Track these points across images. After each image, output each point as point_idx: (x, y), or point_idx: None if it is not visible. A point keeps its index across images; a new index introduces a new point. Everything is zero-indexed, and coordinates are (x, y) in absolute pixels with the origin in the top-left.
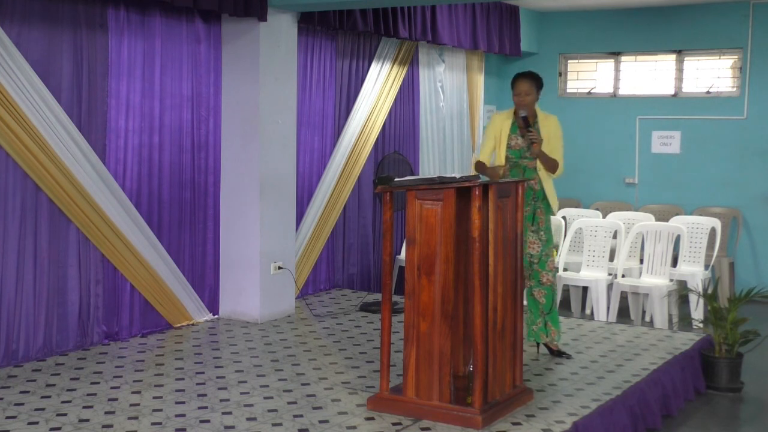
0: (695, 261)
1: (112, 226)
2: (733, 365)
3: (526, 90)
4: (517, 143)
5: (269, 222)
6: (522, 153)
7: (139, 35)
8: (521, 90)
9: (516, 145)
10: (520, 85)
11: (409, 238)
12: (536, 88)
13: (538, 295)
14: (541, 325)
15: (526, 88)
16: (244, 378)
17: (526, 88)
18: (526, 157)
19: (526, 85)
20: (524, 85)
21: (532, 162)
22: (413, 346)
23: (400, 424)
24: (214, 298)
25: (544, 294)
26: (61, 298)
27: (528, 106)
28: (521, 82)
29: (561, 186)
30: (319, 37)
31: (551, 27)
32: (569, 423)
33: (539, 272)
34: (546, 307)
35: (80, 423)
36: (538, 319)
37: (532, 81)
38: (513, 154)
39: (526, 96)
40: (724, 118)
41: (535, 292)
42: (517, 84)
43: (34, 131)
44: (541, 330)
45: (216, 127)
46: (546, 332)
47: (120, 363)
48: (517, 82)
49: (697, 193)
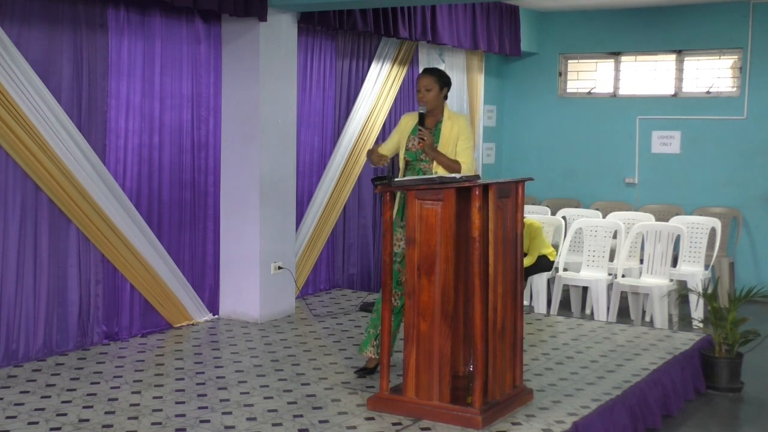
0: (695, 261)
1: (112, 226)
2: (733, 365)
3: (426, 85)
4: (414, 145)
5: (269, 222)
6: (418, 155)
7: (139, 35)
8: (421, 85)
9: (413, 146)
10: (421, 80)
11: (409, 238)
12: (439, 84)
13: (393, 296)
14: (373, 333)
15: (427, 83)
16: (244, 378)
17: (426, 83)
18: (422, 160)
19: (427, 80)
20: (425, 80)
21: (428, 165)
22: (413, 346)
23: (400, 424)
24: (214, 298)
25: (399, 295)
26: (61, 298)
27: (429, 102)
28: (422, 77)
29: (561, 186)
30: (319, 37)
31: (551, 27)
32: (569, 423)
33: (399, 271)
34: (396, 310)
35: (80, 423)
36: (374, 329)
37: (434, 76)
38: (410, 156)
39: (426, 92)
40: (724, 118)
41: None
42: (419, 79)
43: (34, 131)
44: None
45: (216, 127)
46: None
47: (120, 363)
48: (419, 77)
49: (697, 193)
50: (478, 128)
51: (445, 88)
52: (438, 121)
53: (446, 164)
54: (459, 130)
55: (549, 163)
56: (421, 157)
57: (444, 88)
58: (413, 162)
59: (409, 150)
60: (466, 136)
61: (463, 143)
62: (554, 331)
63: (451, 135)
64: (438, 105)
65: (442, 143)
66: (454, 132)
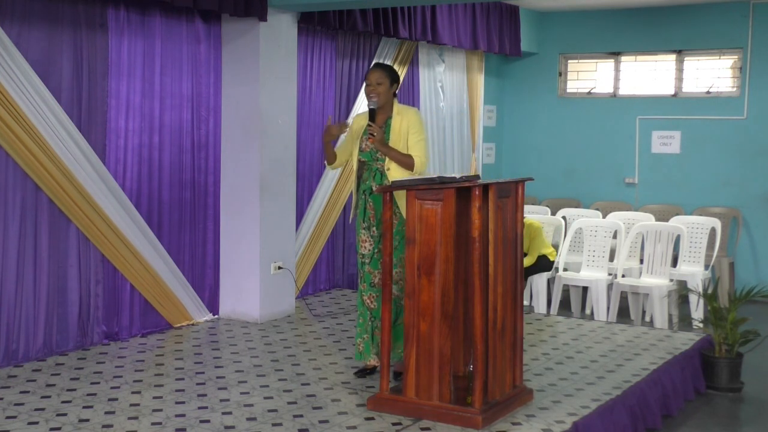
0: (695, 261)
1: (112, 226)
2: (733, 365)
3: (377, 78)
4: (367, 145)
5: (269, 222)
6: (373, 154)
7: (139, 35)
8: (372, 79)
9: (366, 147)
10: (372, 74)
11: (409, 238)
12: (390, 79)
13: (368, 301)
14: (368, 339)
15: (377, 76)
16: (244, 378)
17: (377, 76)
18: (378, 159)
19: (378, 74)
20: (375, 74)
21: (383, 163)
22: (413, 346)
23: (400, 424)
24: (214, 298)
25: (376, 297)
26: (61, 298)
27: (379, 97)
28: (373, 72)
29: (561, 186)
30: (319, 37)
31: (551, 27)
32: (569, 423)
33: (371, 273)
34: (376, 313)
35: (80, 423)
36: (365, 333)
37: (384, 71)
38: (364, 156)
39: (377, 85)
40: (724, 118)
41: (365, 297)
42: (368, 74)
43: (34, 131)
44: (367, 349)
45: (216, 127)
46: (369, 351)
47: (120, 363)
48: (369, 72)
49: (697, 193)
50: (478, 128)
51: (395, 84)
52: (388, 117)
53: (398, 159)
54: (409, 124)
55: (549, 163)
56: (377, 156)
57: (394, 84)
58: (369, 162)
59: (363, 151)
60: (416, 129)
61: (414, 137)
62: (554, 331)
63: (401, 130)
64: (388, 101)
65: (393, 139)
66: (404, 126)
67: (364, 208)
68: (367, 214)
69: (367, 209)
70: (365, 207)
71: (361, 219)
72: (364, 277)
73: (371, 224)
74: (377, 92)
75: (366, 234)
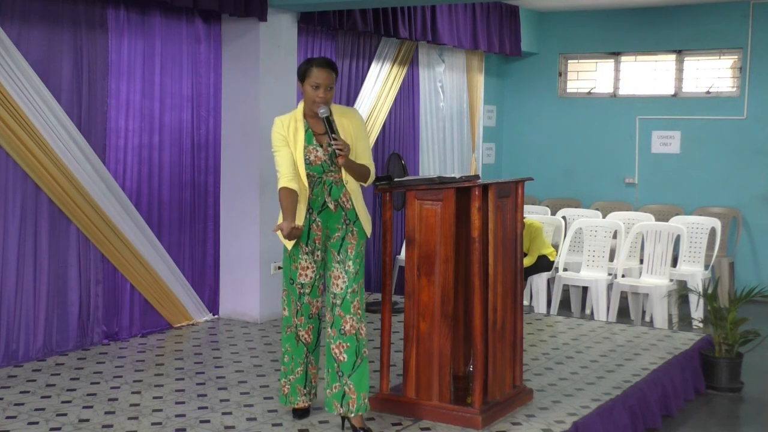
0: (695, 261)
1: (112, 226)
2: (733, 365)
3: (330, 82)
4: (317, 156)
5: (269, 222)
6: (326, 167)
7: (139, 35)
8: (324, 82)
9: (316, 159)
10: (325, 74)
11: (408, 238)
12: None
13: (337, 351)
14: (337, 390)
15: (330, 79)
16: (244, 378)
17: (331, 79)
18: (331, 171)
19: (330, 75)
20: (330, 76)
21: (337, 175)
22: (413, 346)
23: (400, 424)
24: (214, 298)
25: (346, 348)
26: (61, 298)
27: (329, 104)
28: (324, 70)
29: (561, 186)
30: (319, 37)
31: (551, 27)
32: (569, 423)
33: (341, 317)
34: (346, 367)
35: (80, 423)
36: (335, 383)
37: (335, 71)
38: (315, 170)
39: (329, 91)
40: (723, 118)
41: (334, 346)
42: (316, 73)
43: (34, 131)
44: (335, 398)
45: (216, 127)
46: (341, 401)
47: (120, 363)
48: (317, 70)
49: (697, 193)
50: (478, 128)
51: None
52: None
53: (358, 172)
54: (356, 129)
55: (549, 163)
56: (331, 168)
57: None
58: (318, 176)
59: (312, 164)
60: (363, 135)
61: (362, 143)
62: (554, 331)
63: (347, 134)
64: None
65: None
66: (349, 130)
67: (308, 230)
68: (311, 236)
69: (312, 231)
70: (309, 229)
71: (304, 243)
72: (302, 310)
73: (316, 247)
74: (327, 99)
75: (308, 260)
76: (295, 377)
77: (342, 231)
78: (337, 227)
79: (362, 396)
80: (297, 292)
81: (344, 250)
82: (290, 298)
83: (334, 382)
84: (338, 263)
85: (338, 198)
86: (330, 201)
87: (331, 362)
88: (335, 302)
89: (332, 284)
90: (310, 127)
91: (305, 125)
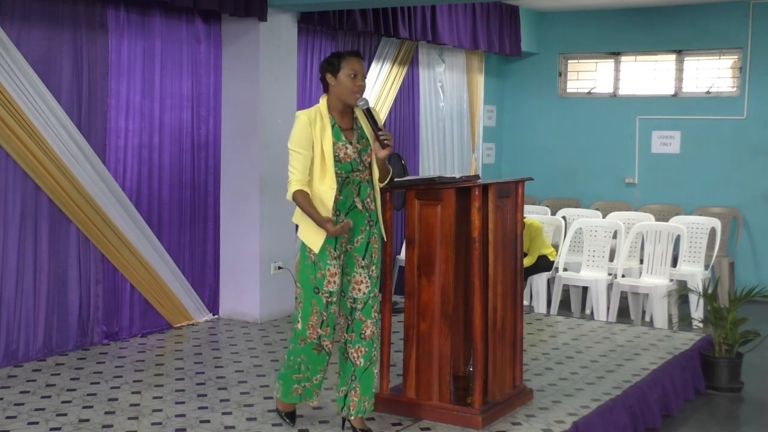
0: (695, 261)
1: (112, 226)
2: (733, 365)
3: (364, 72)
4: (347, 154)
5: (269, 222)
6: (354, 165)
7: (139, 35)
8: (361, 70)
9: (346, 156)
10: (358, 63)
11: (408, 238)
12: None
13: (355, 355)
14: (342, 394)
15: (364, 69)
16: (244, 378)
17: (364, 69)
18: (358, 170)
19: (363, 65)
20: (362, 65)
21: (365, 173)
22: (413, 346)
23: (400, 425)
24: (214, 298)
25: (364, 353)
26: (61, 298)
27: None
28: (358, 60)
29: (561, 186)
30: (319, 37)
31: (551, 27)
32: (569, 423)
33: (362, 322)
34: (360, 371)
35: (80, 423)
36: (342, 386)
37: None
38: (343, 168)
39: (364, 80)
40: (723, 118)
41: (353, 350)
42: (353, 61)
43: (34, 131)
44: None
45: (216, 127)
46: (344, 404)
47: (120, 363)
48: (353, 59)
49: (697, 193)
50: (478, 128)
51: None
52: (355, 118)
53: (386, 169)
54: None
55: (549, 163)
56: (358, 167)
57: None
58: (347, 174)
59: (342, 161)
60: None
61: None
62: (554, 331)
63: (369, 129)
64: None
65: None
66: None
67: (368, 242)
68: (339, 240)
69: (371, 243)
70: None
71: (332, 247)
72: (328, 320)
73: (342, 252)
74: (364, 89)
75: (336, 265)
76: (311, 384)
77: (365, 233)
78: (360, 229)
79: (364, 399)
80: (324, 302)
81: (369, 255)
82: (310, 310)
83: (342, 385)
84: (362, 268)
85: (365, 198)
86: (358, 201)
87: (348, 365)
88: (355, 306)
89: (352, 288)
90: (337, 122)
91: (331, 121)
